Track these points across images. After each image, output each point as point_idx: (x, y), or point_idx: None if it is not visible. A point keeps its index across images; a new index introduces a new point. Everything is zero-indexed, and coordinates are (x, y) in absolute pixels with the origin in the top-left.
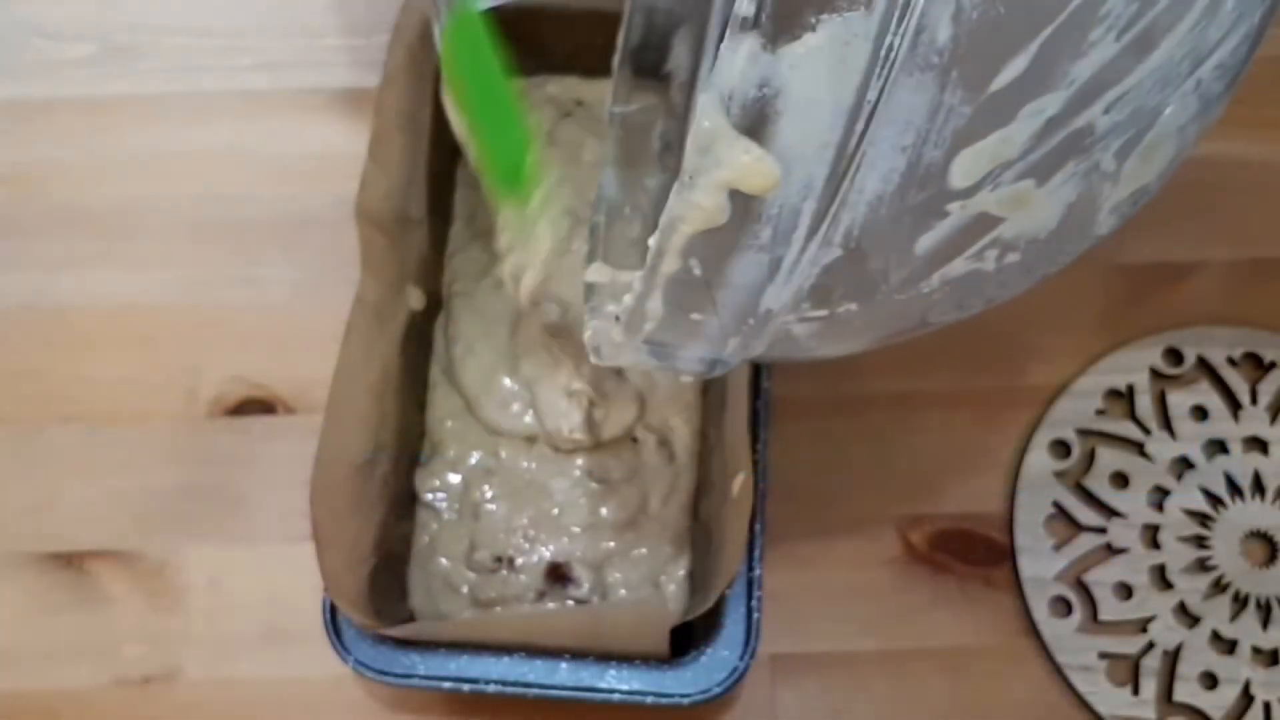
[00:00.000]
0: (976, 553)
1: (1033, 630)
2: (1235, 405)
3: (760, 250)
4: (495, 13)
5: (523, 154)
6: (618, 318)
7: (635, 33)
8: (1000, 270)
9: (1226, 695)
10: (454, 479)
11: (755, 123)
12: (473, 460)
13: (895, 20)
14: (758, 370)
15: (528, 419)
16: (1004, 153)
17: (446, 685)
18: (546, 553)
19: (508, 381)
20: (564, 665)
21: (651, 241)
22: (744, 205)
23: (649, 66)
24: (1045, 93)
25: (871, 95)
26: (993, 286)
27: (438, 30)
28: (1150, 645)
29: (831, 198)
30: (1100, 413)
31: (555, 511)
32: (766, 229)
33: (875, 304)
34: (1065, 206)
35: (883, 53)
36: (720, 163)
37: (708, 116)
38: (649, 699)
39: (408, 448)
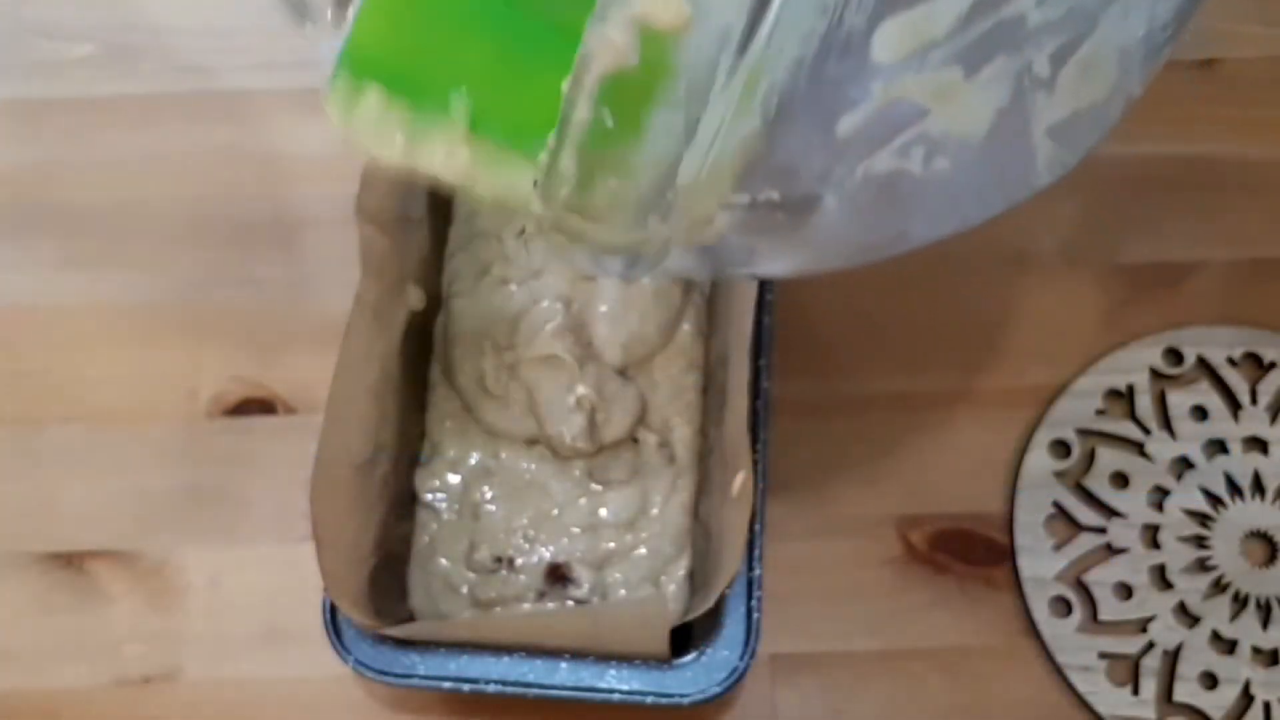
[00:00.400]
0: (976, 553)
1: (1033, 630)
2: (1235, 405)
3: (674, 107)
4: None
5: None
6: (535, 182)
7: None
8: (927, 178)
9: (1226, 695)
10: (454, 479)
11: None
12: (472, 461)
13: None
14: (758, 370)
15: (528, 423)
16: (929, 30)
17: (446, 685)
18: (546, 553)
19: (507, 384)
20: (564, 665)
21: (564, 85)
22: (658, 51)
23: None
24: None
25: None
26: (920, 204)
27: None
28: (1150, 645)
29: (748, 51)
30: (1100, 413)
31: (555, 512)
32: (680, 82)
33: (799, 198)
34: (995, 112)
35: None
36: None
37: None
38: (649, 699)
39: (408, 448)
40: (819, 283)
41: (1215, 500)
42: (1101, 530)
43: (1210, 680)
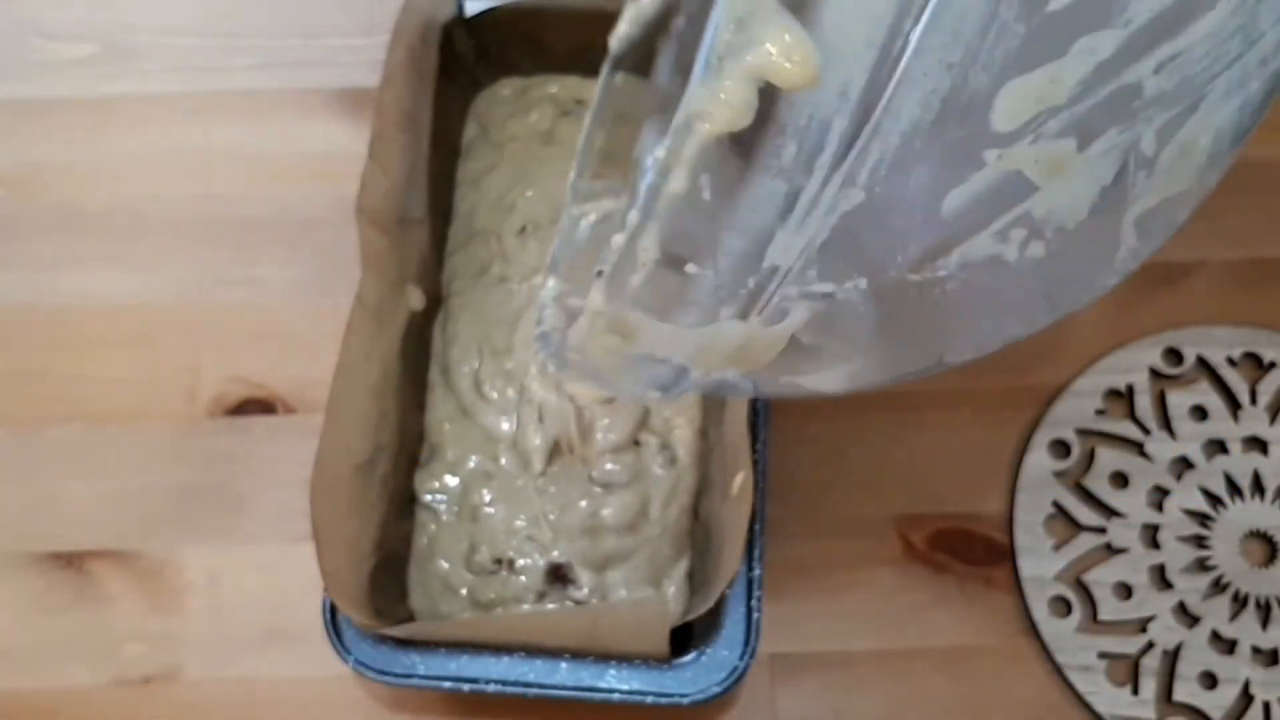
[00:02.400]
0: (976, 553)
1: (1032, 630)
2: (1235, 405)
3: (779, 175)
4: (497, 13)
5: None
6: (600, 273)
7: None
8: (1023, 266)
9: (1226, 695)
10: (453, 481)
11: (799, 1)
12: (471, 463)
13: None
14: None
15: (526, 428)
16: (1052, 95)
17: (446, 685)
18: (546, 555)
19: (503, 388)
20: (564, 665)
21: (657, 153)
22: (770, 108)
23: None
24: (1101, 27)
25: None
26: (1013, 300)
27: None
28: (1150, 645)
29: (866, 115)
30: (1100, 413)
31: (556, 514)
32: (790, 145)
33: (887, 289)
34: (1099, 191)
35: None
36: (756, 42)
37: None
38: (649, 699)
39: (407, 448)
40: None
41: (1215, 500)
42: (1101, 530)
43: (1210, 680)
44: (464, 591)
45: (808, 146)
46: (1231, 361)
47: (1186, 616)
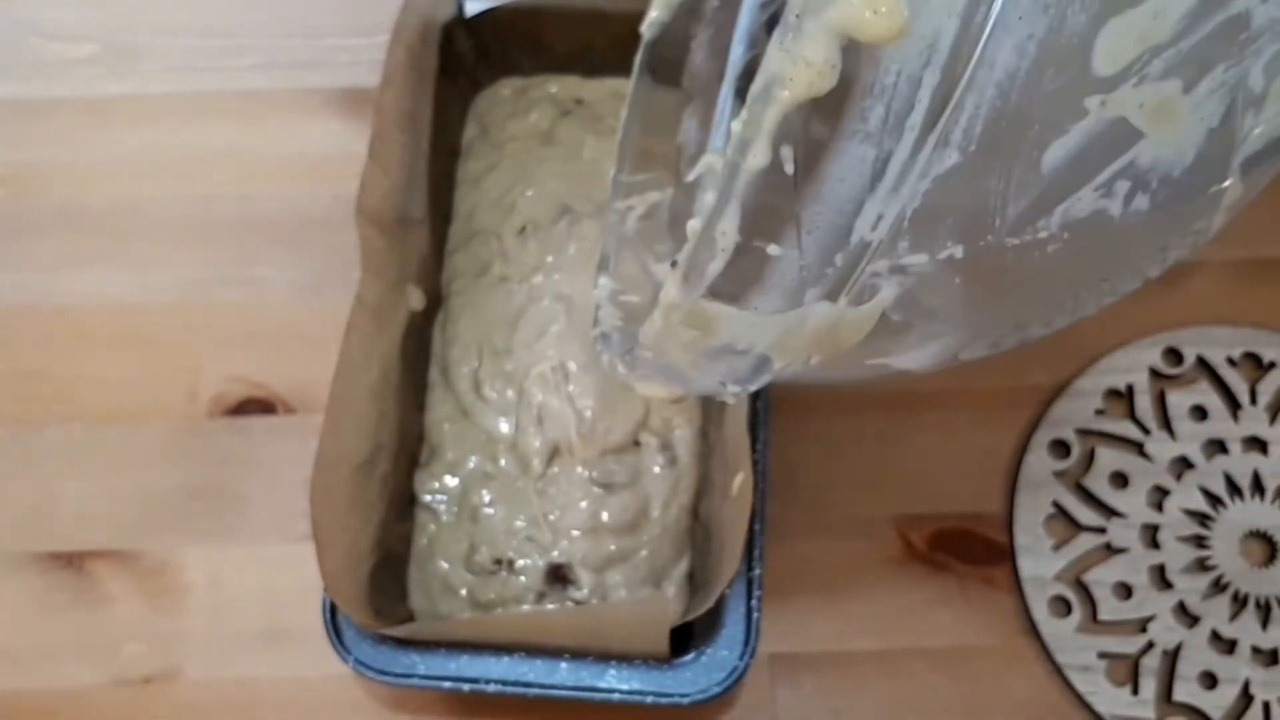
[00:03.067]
0: (976, 552)
1: (1032, 630)
2: (1235, 405)
3: (866, 140)
4: (497, 13)
5: None
6: (674, 263)
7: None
8: (1126, 218)
9: (1226, 695)
10: (452, 482)
11: None
12: (471, 464)
13: None
14: None
15: (526, 429)
16: (1155, 32)
17: (446, 685)
18: (546, 555)
19: (503, 390)
20: (564, 665)
21: (736, 125)
22: (854, 68)
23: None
24: None
25: None
26: (1113, 261)
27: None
28: (1150, 645)
29: (959, 68)
30: (1100, 413)
31: (556, 515)
32: (878, 106)
33: (984, 255)
34: (1207, 132)
35: None
36: None
37: None
38: (649, 699)
39: (407, 448)
40: None
41: (1215, 500)
42: (1101, 530)
43: (1210, 680)
44: (464, 592)
45: (897, 106)
46: (1231, 361)
47: (1186, 616)
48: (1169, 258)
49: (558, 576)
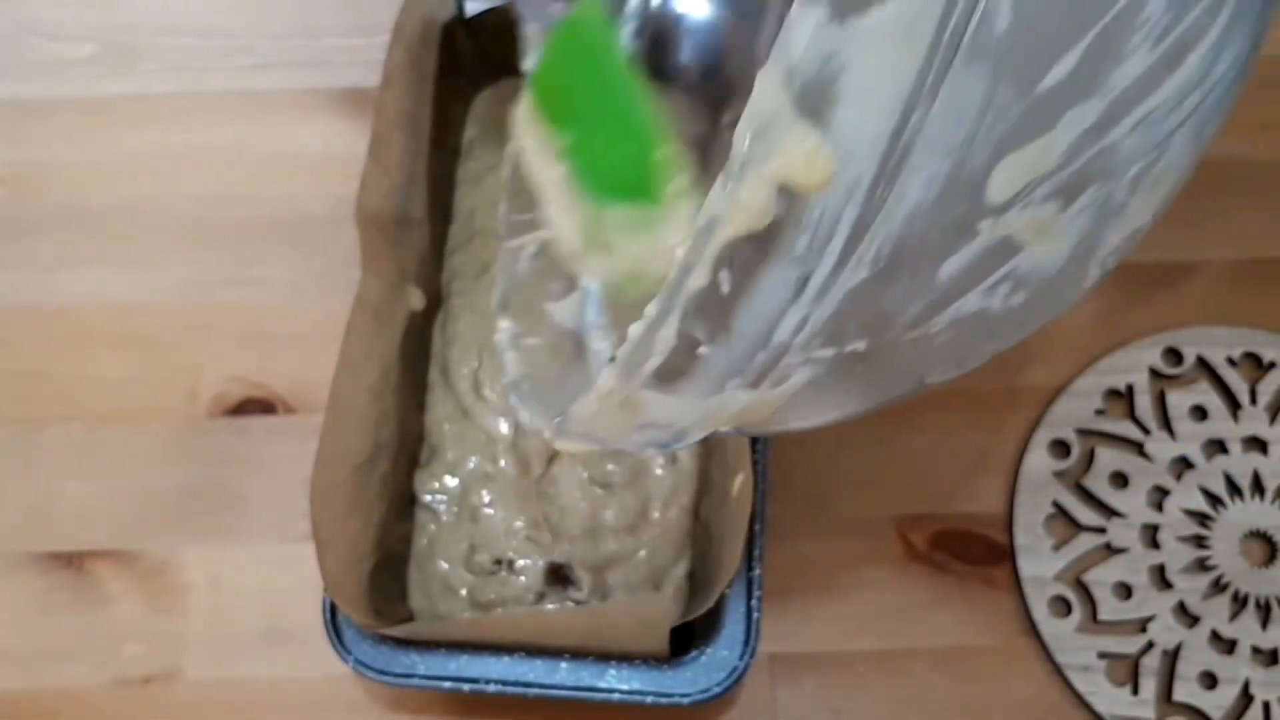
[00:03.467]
0: (976, 553)
1: (1032, 630)
2: (1235, 405)
3: (792, 264)
4: (497, 13)
5: (649, 149)
6: (612, 358)
7: None
8: (1004, 312)
9: (1226, 695)
10: (453, 482)
11: (814, 107)
12: (471, 464)
13: None
14: None
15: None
16: (1042, 165)
17: (446, 685)
18: (546, 556)
19: (503, 390)
20: (564, 665)
21: (679, 252)
22: (787, 207)
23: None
24: (1086, 99)
25: (930, 82)
26: (990, 333)
27: (532, 33)
28: (1150, 645)
29: (874, 202)
30: (1100, 413)
31: (556, 515)
32: (803, 237)
33: (883, 346)
34: (1077, 239)
35: (947, 34)
36: (775, 151)
37: (768, 96)
38: (649, 699)
39: (407, 448)
40: None
41: (1215, 500)
42: (1101, 530)
43: (1210, 680)
44: (464, 592)
45: (820, 235)
46: (1231, 361)
47: (1186, 616)
48: (1038, 326)
49: (557, 577)
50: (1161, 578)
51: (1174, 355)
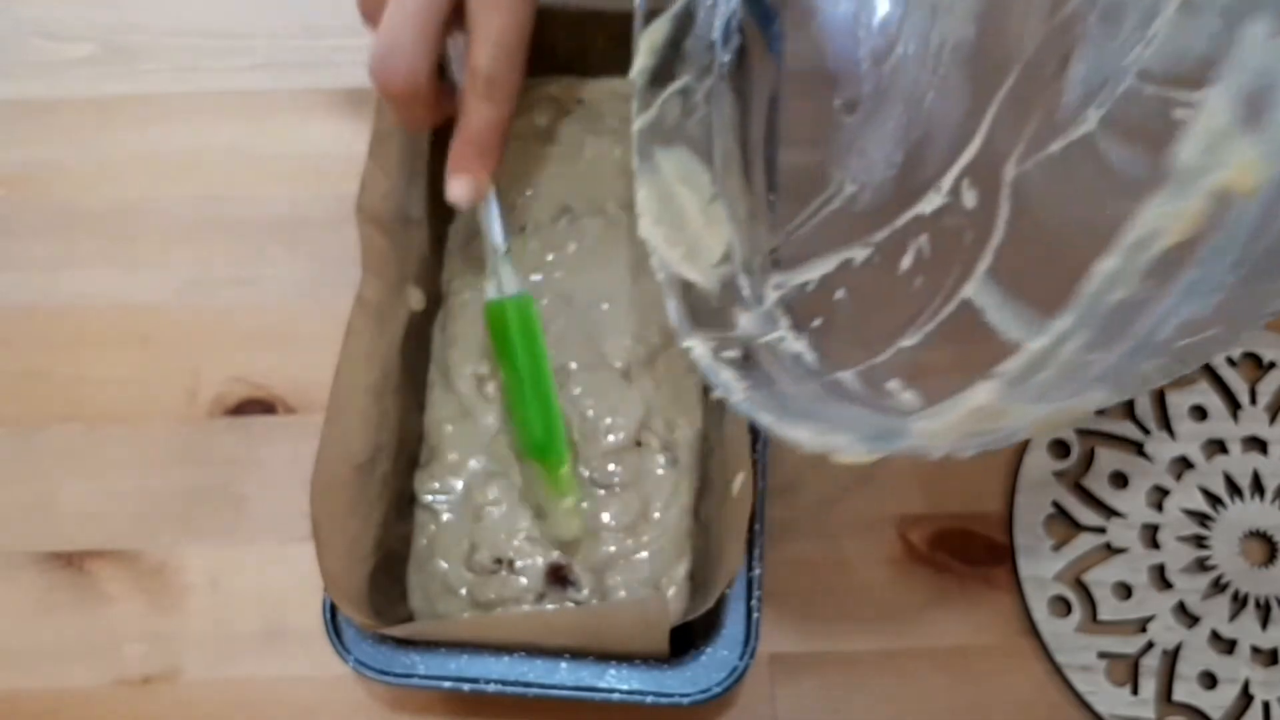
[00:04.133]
0: (976, 553)
1: (1032, 630)
2: (1234, 405)
3: (1198, 265)
4: None
5: (553, 435)
6: (994, 374)
7: None
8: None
9: (1226, 695)
10: (453, 483)
11: (1255, 116)
12: (472, 465)
13: None
14: None
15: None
16: None
17: (446, 685)
18: (546, 555)
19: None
20: (564, 665)
21: (1108, 264)
22: (1215, 214)
23: None
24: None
25: None
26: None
27: (490, 290)
28: (1149, 645)
29: (1275, 204)
30: (1099, 412)
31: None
32: (1219, 240)
33: (1230, 317)
34: None
35: None
36: (1222, 162)
37: (1221, 110)
38: (649, 698)
39: (407, 448)
40: None
41: (1214, 500)
42: (1101, 530)
43: (1209, 680)
44: (464, 592)
45: (1228, 237)
46: (1231, 361)
47: (1186, 616)
48: None
49: (558, 577)
50: (1161, 578)
51: None
